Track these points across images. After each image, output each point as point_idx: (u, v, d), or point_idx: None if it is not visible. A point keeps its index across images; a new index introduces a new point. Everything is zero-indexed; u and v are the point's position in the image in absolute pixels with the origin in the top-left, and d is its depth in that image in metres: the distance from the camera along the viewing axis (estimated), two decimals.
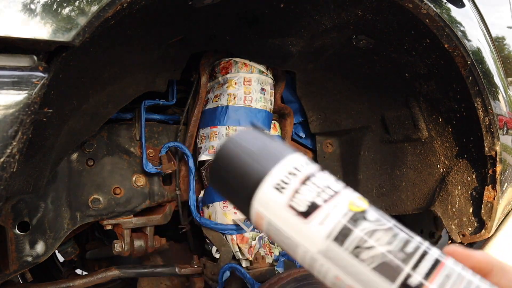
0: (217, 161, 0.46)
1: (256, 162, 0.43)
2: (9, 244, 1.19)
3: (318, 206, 0.40)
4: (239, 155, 0.44)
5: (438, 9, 1.13)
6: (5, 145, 0.68)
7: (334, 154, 1.76)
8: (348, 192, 0.42)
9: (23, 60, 0.71)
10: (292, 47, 1.31)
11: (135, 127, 1.45)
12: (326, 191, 0.41)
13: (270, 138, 0.46)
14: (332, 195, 0.41)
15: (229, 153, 0.45)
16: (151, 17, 1.01)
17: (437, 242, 2.23)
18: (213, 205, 1.45)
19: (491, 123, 1.27)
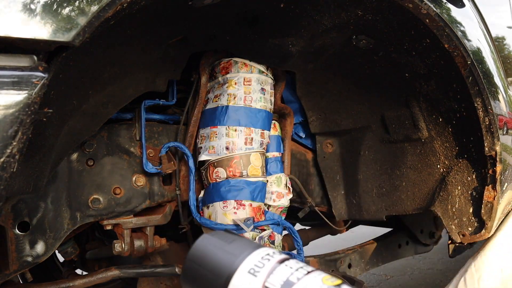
0: (190, 260, 0.48)
1: (230, 253, 0.46)
2: (9, 244, 1.19)
3: (293, 284, 0.43)
4: (212, 250, 0.47)
5: (438, 9, 1.13)
6: (5, 145, 0.68)
7: (334, 154, 1.76)
8: (320, 272, 0.44)
9: (23, 60, 0.71)
10: (292, 47, 1.31)
11: (135, 127, 1.45)
12: (299, 270, 0.44)
13: (240, 237, 0.49)
14: (305, 274, 0.43)
15: (202, 250, 0.48)
16: (151, 17, 1.01)
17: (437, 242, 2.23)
18: (213, 205, 1.45)
19: (491, 123, 1.27)
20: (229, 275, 0.46)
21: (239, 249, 0.47)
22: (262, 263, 0.45)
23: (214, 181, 1.45)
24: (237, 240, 0.48)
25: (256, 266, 0.45)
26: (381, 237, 2.12)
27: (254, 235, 1.45)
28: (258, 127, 1.46)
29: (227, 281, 0.45)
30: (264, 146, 1.51)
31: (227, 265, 0.46)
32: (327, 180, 1.77)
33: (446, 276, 3.16)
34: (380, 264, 2.04)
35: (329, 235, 2.12)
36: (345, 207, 1.76)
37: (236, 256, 0.46)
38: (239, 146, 1.43)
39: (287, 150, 1.65)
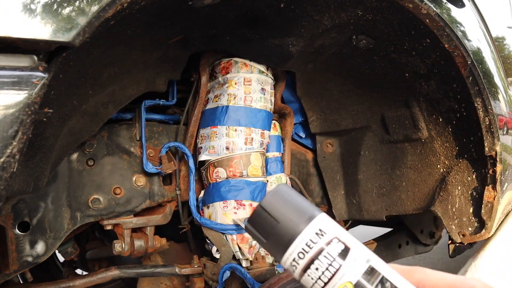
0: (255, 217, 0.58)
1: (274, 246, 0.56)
2: (9, 244, 1.19)
3: None
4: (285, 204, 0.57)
5: (438, 9, 1.13)
6: (5, 145, 0.68)
7: (334, 154, 1.76)
8: (334, 282, 0.52)
9: (23, 60, 0.71)
10: (292, 47, 1.31)
11: (135, 127, 1.45)
12: (318, 282, 0.53)
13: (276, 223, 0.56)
14: (322, 287, 0.53)
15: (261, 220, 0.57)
16: (151, 17, 1.01)
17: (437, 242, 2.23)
18: (213, 205, 1.45)
19: (491, 123, 1.27)
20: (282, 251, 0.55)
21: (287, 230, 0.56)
22: (296, 262, 0.54)
23: (214, 181, 1.45)
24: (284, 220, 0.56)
25: (294, 261, 0.54)
26: (381, 237, 2.12)
27: None
28: (258, 127, 1.46)
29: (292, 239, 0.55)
30: (264, 146, 1.51)
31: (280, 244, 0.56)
32: (327, 180, 1.77)
33: None
34: None
35: None
36: (345, 207, 1.76)
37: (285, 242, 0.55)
38: (239, 146, 1.43)
39: (287, 150, 1.65)
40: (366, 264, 0.53)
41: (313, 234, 0.55)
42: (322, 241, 0.55)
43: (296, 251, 0.54)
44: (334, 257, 0.54)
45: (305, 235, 0.55)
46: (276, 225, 0.56)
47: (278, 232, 0.55)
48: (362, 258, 0.54)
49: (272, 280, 1.29)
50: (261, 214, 0.57)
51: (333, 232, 0.56)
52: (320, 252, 0.54)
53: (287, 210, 0.57)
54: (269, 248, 0.57)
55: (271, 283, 1.27)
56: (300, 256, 0.54)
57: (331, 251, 0.54)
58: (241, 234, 1.44)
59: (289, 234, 0.55)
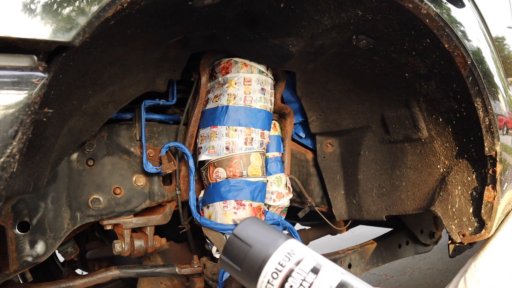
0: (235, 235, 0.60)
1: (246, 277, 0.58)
2: (9, 244, 1.19)
3: None
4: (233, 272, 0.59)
5: (438, 9, 1.13)
6: (5, 145, 0.68)
7: (334, 154, 1.76)
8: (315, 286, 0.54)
9: (23, 60, 0.71)
10: (292, 47, 1.31)
11: (135, 127, 1.45)
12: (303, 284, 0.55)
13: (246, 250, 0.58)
14: None
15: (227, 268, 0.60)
16: (151, 17, 1.01)
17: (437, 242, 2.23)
18: (213, 205, 1.45)
19: (491, 123, 1.27)
20: (264, 259, 0.57)
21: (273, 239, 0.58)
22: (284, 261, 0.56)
23: (214, 181, 1.45)
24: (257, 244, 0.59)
25: (276, 269, 0.57)
26: (381, 237, 2.12)
27: None
28: (258, 127, 1.46)
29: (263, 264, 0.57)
30: (264, 146, 1.51)
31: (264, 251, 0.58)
32: (327, 180, 1.77)
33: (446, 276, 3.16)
34: (380, 264, 2.04)
35: (329, 235, 2.12)
36: (345, 207, 1.76)
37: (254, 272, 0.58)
38: (239, 146, 1.43)
39: (287, 150, 1.65)
40: (339, 278, 0.55)
41: (284, 254, 0.57)
42: (294, 260, 0.57)
43: (270, 272, 0.56)
44: (307, 273, 0.56)
45: (278, 255, 0.57)
46: (249, 250, 0.58)
47: (251, 257, 0.57)
48: (335, 273, 0.56)
49: None
50: (234, 241, 0.59)
51: (304, 252, 0.58)
52: (292, 270, 0.56)
53: (259, 235, 0.59)
54: (243, 276, 0.58)
55: None
56: (274, 276, 0.56)
57: (304, 268, 0.56)
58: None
59: (262, 256, 0.57)
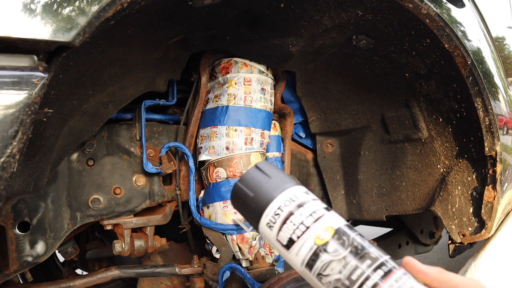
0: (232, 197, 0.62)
1: (255, 205, 0.59)
2: (9, 244, 1.19)
3: (294, 242, 0.56)
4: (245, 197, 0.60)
5: (438, 9, 1.13)
6: (5, 145, 0.68)
7: (334, 154, 1.76)
8: (317, 225, 0.55)
9: (23, 60, 0.71)
10: (292, 47, 1.31)
11: (135, 127, 1.45)
12: (300, 227, 0.56)
13: (266, 179, 0.60)
14: (303, 231, 0.55)
15: (238, 194, 0.61)
16: (151, 17, 1.01)
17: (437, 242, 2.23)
18: (213, 205, 1.45)
19: (491, 123, 1.27)
20: (256, 222, 0.59)
21: (261, 199, 0.59)
22: (274, 219, 0.57)
23: (214, 181, 1.45)
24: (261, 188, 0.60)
25: (271, 221, 0.58)
26: (381, 237, 2.12)
27: (254, 235, 1.45)
28: (258, 127, 1.46)
29: (256, 226, 0.59)
30: (264, 146, 1.51)
31: (255, 215, 0.59)
32: (327, 180, 1.77)
33: None
34: None
35: None
36: (345, 207, 1.76)
37: (259, 208, 0.59)
38: (239, 146, 1.43)
39: (287, 150, 1.65)
40: (345, 222, 0.57)
41: (301, 190, 0.60)
42: (309, 196, 0.59)
43: (284, 199, 0.58)
44: (319, 208, 0.58)
45: (295, 189, 0.59)
46: (268, 180, 0.60)
47: (269, 185, 0.59)
48: (342, 218, 0.58)
49: (272, 280, 1.29)
50: (255, 172, 0.61)
51: (317, 200, 0.60)
52: (306, 202, 0.58)
53: (279, 173, 0.61)
54: (254, 200, 0.59)
55: (271, 283, 1.27)
56: (286, 203, 0.58)
57: (317, 204, 0.58)
58: (241, 234, 1.44)
59: (280, 186, 0.59)
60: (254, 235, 1.45)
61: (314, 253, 0.54)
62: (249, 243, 1.44)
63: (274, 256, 1.50)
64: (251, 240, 1.44)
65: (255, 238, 1.45)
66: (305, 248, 0.55)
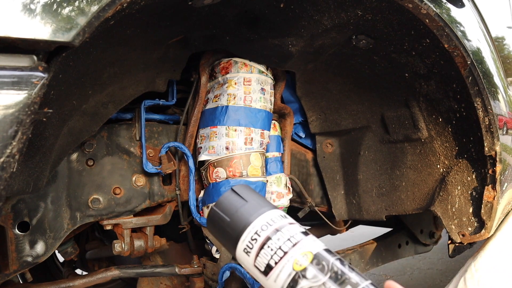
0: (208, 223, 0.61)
1: (231, 230, 0.58)
2: (9, 244, 1.19)
3: (272, 267, 0.54)
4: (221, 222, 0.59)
5: (438, 9, 1.13)
6: (5, 145, 0.68)
7: (334, 154, 1.76)
8: (296, 250, 0.54)
9: (23, 60, 0.71)
10: (292, 47, 1.31)
11: (135, 127, 1.45)
12: (277, 253, 0.54)
13: (242, 203, 0.58)
14: (281, 257, 0.54)
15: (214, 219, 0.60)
16: (151, 17, 1.01)
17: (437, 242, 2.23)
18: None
19: (491, 123, 1.27)
20: (233, 248, 0.58)
21: (237, 226, 0.58)
22: (251, 244, 0.56)
23: (214, 181, 1.45)
24: (236, 213, 0.59)
25: (247, 247, 0.56)
26: (381, 237, 2.12)
27: None
28: (258, 127, 1.46)
29: (234, 251, 0.58)
30: (264, 146, 1.51)
31: (231, 242, 0.58)
32: (327, 180, 1.77)
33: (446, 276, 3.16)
34: (380, 264, 2.05)
35: (329, 235, 2.12)
36: (345, 207, 1.76)
37: (235, 234, 0.57)
38: (239, 146, 1.43)
39: (287, 150, 1.65)
40: (323, 246, 0.56)
41: (278, 215, 0.58)
42: (286, 221, 0.57)
43: (261, 224, 0.56)
44: (296, 232, 0.56)
45: (272, 214, 0.58)
46: (244, 204, 0.58)
47: (245, 210, 0.58)
48: (320, 242, 0.56)
49: None
50: (230, 195, 0.60)
51: (294, 222, 0.59)
52: (283, 226, 0.56)
53: (256, 197, 0.60)
54: (230, 225, 0.58)
55: None
56: (263, 228, 0.56)
57: (294, 228, 0.57)
58: None
59: (256, 210, 0.58)
60: None
61: (292, 279, 0.52)
62: None
63: None
64: None
65: None
66: (284, 274, 0.53)
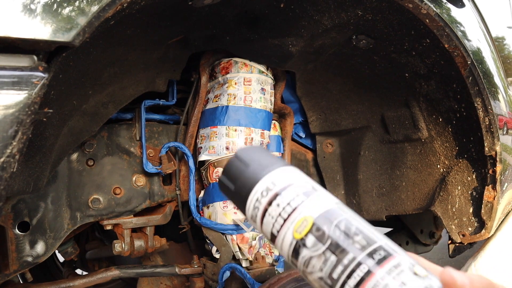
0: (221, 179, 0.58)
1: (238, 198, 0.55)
2: (9, 244, 1.19)
3: (275, 237, 0.51)
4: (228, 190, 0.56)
5: (438, 9, 1.13)
6: (5, 145, 0.68)
7: (334, 154, 1.76)
8: (295, 216, 0.50)
9: (23, 60, 0.71)
10: (292, 47, 1.31)
11: (135, 127, 1.45)
12: (278, 220, 0.50)
13: (244, 168, 0.55)
14: (281, 225, 0.50)
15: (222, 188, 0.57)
16: (151, 17, 1.01)
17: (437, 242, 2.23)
18: (213, 205, 1.45)
19: (491, 123, 1.27)
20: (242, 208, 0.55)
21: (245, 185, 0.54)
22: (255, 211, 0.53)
23: (214, 181, 1.45)
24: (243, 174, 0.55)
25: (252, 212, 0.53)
26: None
27: (254, 235, 1.45)
28: (258, 127, 1.46)
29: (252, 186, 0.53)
30: (264, 146, 1.51)
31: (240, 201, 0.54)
32: (327, 180, 1.77)
33: None
34: None
35: None
36: None
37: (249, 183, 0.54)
38: (239, 146, 1.43)
39: (287, 150, 1.65)
40: (331, 204, 0.49)
41: (281, 174, 0.52)
42: (289, 180, 0.52)
43: (261, 189, 0.52)
44: (298, 194, 0.50)
45: (274, 174, 0.52)
46: (245, 169, 0.54)
47: (246, 176, 0.54)
48: (328, 199, 0.50)
49: (272, 280, 1.29)
50: (234, 162, 0.56)
51: (304, 177, 0.53)
52: (284, 189, 0.51)
53: (259, 158, 0.55)
54: (235, 195, 0.54)
55: (271, 283, 1.27)
56: (263, 194, 0.52)
57: (297, 189, 0.51)
58: (241, 234, 1.44)
59: (256, 174, 0.53)
60: (254, 235, 1.45)
61: (294, 249, 0.48)
62: (249, 243, 1.44)
63: (274, 256, 1.51)
64: (251, 240, 1.44)
65: (255, 238, 1.45)
66: (286, 243, 0.49)
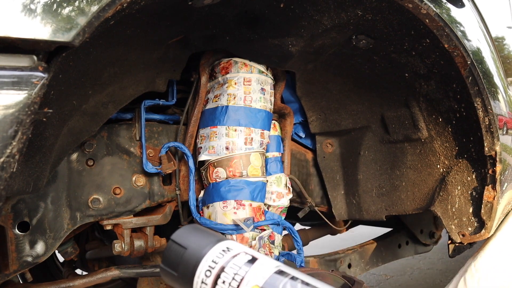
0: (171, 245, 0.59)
1: (180, 283, 0.55)
2: (9, 244, 1.19)
3: None
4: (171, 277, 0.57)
5: (438, 9, 1.13)
6: (5, 145, 0.68)
7: (334, 154, 1.76)
8: (247, 278, 0.51)
9: (23, 60, 0.71)
10: (292, 47, 1.31)
11: (135, 127, 1.45)
12: (232, 284, 0.52)
13: (182, 252, 0.56)
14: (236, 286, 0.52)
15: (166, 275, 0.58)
16: (151, 17, 1.01)
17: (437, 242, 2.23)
18: (213, 205, 1.45)
19: (491, 123, 1.27)
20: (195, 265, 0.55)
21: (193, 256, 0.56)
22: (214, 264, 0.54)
23: (214, 181, 1.45)
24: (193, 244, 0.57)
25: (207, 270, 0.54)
26: (381, 237, 2.12)
27: (254, 235, 1.45)
28: (258, 127, 1.46)
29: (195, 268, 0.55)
30: (264, 146, 1.51)
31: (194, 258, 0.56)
32: (327, 180, 1.77)
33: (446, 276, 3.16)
34: (380, 264, 2.05)
35: (329, 235, 2.12)
36: (345, 207, 1.76)
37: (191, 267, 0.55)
38: (239, 146, 1.43)
39: (287, 150, 1.65)
40: (274, 268, 0.52)
41: (219, 252, 0.55)
42: (227, 256, 0.54)
43: (204, 270, 0.54)
44: (240, 266, 0.53)
45: (212, 254, 0.55)
46: (184, 253, 0.56)
47: (186, 259, 0.55)
48: (270, 265, 0.53)
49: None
50: (172, 247, 0.57)
51: (241, 247, 0.56)
52: (225, 266, 0.53)
53: (195, 238, 0.57)
54: (180, 281, 0.55)
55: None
56: (207, 274, 0.54)
57: (237, 262, 0.54)
58: (241, 234, 1.44)
59: (196, 256, 0.55)
60: (254, 235, 1.45)
61: None
62: (249, 243, 1.44)
63: (274, 256, 1.51)
64: (250, 240, 1.44)
65: (254, 238, 1.45)
66: None
